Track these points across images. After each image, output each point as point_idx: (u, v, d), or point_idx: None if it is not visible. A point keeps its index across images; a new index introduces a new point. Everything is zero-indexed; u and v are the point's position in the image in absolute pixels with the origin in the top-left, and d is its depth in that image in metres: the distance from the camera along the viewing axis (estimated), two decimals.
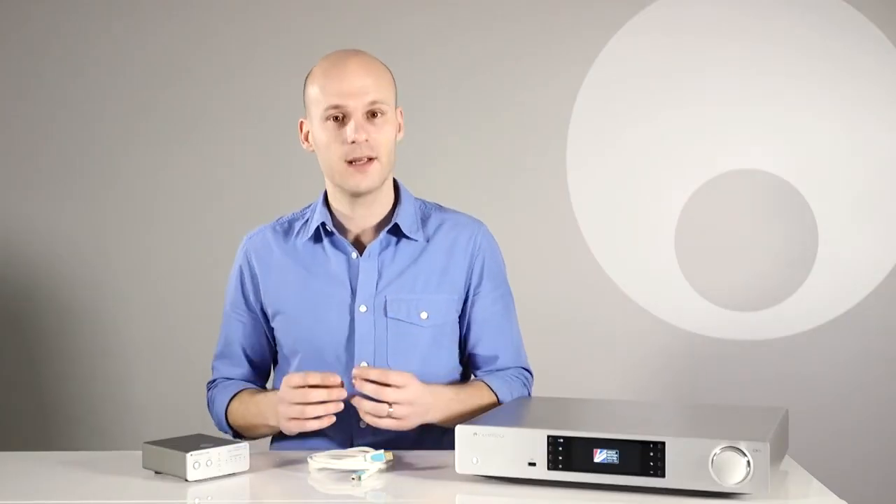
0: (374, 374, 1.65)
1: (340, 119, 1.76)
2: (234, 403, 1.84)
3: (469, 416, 1.72)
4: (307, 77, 1.82)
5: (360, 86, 1.75)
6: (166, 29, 2.94)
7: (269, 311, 1.87)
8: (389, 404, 1.64)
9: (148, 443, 1.56)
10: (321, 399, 1.64)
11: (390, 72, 1.84)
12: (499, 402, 1.80)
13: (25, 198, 2.96)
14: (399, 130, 1.85)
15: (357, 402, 1.66)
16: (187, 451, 1.49)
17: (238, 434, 1.86)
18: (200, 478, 1.50)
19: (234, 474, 1.54)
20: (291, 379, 1.67)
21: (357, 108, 1.75)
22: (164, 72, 2.94)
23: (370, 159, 1.76)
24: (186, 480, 1.49)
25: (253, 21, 2.94)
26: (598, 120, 2.91)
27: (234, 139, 2.94)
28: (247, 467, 1.55)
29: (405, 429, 1.69)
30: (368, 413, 1.65)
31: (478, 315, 1.87)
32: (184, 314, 2.91)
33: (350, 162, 1.76)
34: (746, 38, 2.88)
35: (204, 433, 1.64)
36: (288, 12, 2.93)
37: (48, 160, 2.96)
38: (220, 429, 1.88)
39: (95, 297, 2.95)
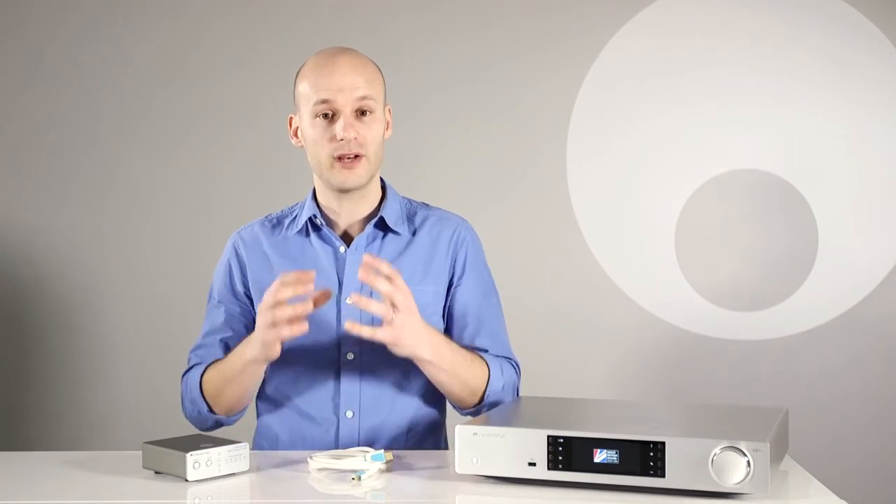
0: (386, 268, 1.61)
1: (330, 116, 1.77)
2: (209, 373, 1.79)
3: (455, 370, 1.71)
4: (297, 73, 1.83)
5: (350, 83, 1.76)
6: (164, 29, 2.94)
7: (257, 304, 1.85)
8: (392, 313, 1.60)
9: (148, 443, 1.56)
10: (291, 296, 1.59)
11: (380, 69, 1.85)
12: (489, 374, 1.77)
13: (22, 197, 2.96)
14: (387, 128, 1.86)
15: (362, 303, 1.61)
16: (187, 451, 1.49)
17: (212, 411, 1.79)
18: (200, 478, 1.50)
19: (234, 474, 1.54)
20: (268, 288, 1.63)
21: (346, 104, 1.76)
22: (162, 72, 2.94)
23: (357, 156, 1.77)
24: (186, 480, 1.49)
25: (250, 21, 2.94)
26: (598, 120, 2.91)
27: (232, 139, 2.94)
28: (247, 467, 1.55)
29: (396, 346, 1.64)
30: (377, 314, 1.61)
31: (461, 306, 1.86)
32: (183, 313, 2.90)
33: (338, 158, 1.77)
34: (746, 38, 2.88)
35: (203, 433, 1.63)
36: (286, 12, 2.93)
37: (44, 160, 2.96)
38: (194, 406, 1.80)
39: (93, 297, 2.95)
